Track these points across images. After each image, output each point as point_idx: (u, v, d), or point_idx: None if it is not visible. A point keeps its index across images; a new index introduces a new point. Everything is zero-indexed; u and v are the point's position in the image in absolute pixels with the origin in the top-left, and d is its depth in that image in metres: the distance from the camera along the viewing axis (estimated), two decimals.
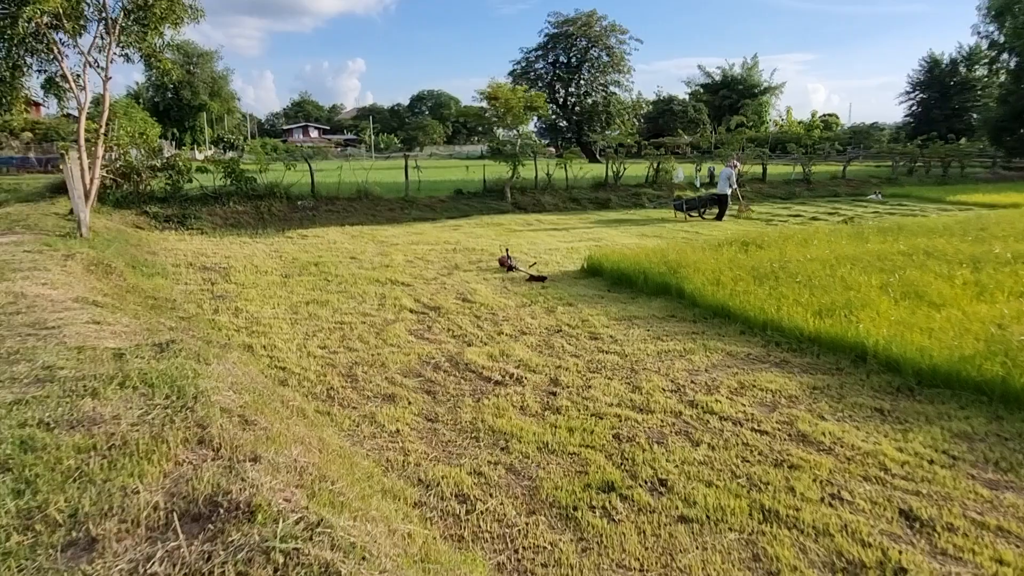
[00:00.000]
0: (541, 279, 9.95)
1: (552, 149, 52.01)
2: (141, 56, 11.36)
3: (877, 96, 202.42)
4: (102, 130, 11.15)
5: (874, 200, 22.51)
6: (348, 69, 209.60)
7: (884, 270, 8.67)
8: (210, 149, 51.07)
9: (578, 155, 22.13)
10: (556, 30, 62.10)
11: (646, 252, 10.36)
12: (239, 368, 4.53)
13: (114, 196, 16.17)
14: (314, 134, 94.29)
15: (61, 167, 10.65)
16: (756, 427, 4.80)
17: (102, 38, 10.75)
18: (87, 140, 11.38)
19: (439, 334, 7.25)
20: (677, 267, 9.02)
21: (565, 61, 62.93)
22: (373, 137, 78.31)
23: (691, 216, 18.27)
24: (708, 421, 4.91)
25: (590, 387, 5.63)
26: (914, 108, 64.51)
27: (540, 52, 63.82)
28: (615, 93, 63.42)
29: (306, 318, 7.86)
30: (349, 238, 14.68)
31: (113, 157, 16.22)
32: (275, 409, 3.84)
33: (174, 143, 56.99)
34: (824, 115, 78.05)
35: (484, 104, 22.24)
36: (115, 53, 11.06)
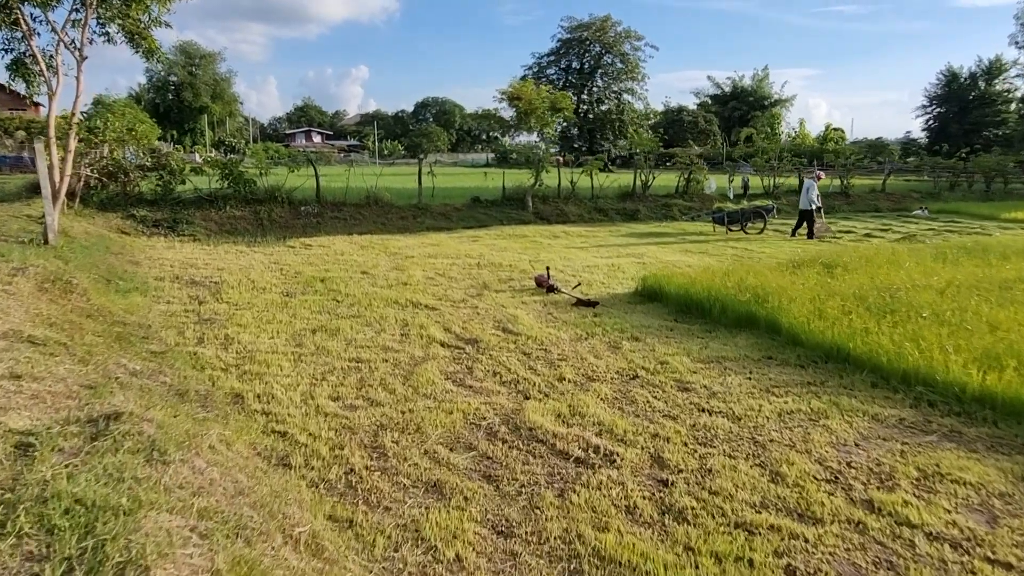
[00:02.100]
0: (591, 304, 8.37)
1: (560, 158, 50.57)
2: (124, 34, 9.82)
3: (879, 112, 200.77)
4: (74, 119, 9.57)
5: (921, 216, 20.95)
6: (351, 76, 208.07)
7: (1019, 302, 7.10)
8: (210, 152, 49.53)
9: (600, 164, 20.54)
10: (570, 35, 60.58)
11: (715, 274, 8.78)
12: (217, 466, 2.93)
13: (99, 197, 14.64)
14: (317, 139, 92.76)
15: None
16: (991, 555, 3.21)
17: (77, 11, 9.21)
18: (59, 133, 9.81)
19: (484, 379, 5.66)
20: (764, 295, 7.43)
21: (578, 67, 61.38)
22: (377, 143, 76.73)
23: (732, 230, 16.70)
24: (913, 542, 3.31)
25: (711, 471, 4.04)
26: (931, 122, 63.15)
27: (553, 57, 62.33)
28: (629, 101, 61.89)
29: (313, 353, 6.27)
30: (358, 249, 13.11)
31: (103, 154, 14.69)
32: (272, 556, 2.23)
33: (173, 145, 55.54)
34: (823, 131, 76.83)
35: (502, 106, 20.70)
36: (93, 31, 9.52)
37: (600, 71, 60.85)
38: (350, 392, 5.27)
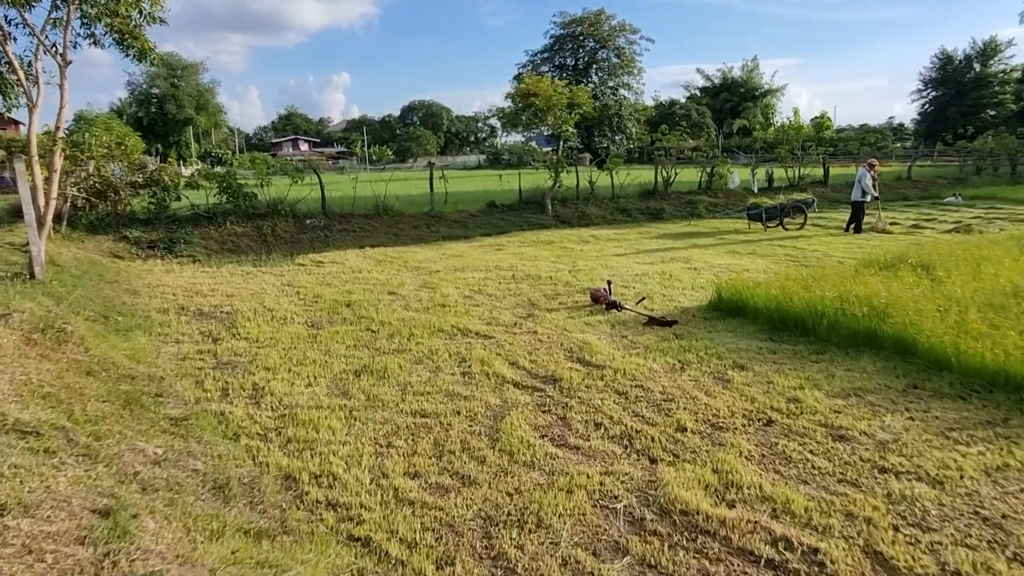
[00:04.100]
0: (668, 323, 7.27)
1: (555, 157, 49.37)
2: (113, 35, 8.60)
3: (861, 98, 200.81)
4: (59, 134, 8.35)
5: (955, 203, 20.02)
6: (333, 83, 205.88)
7: None
8: (197, 164, 48.07)
9: (620, 161, 19.45)
10: (563, 31, 59.33)
11: (804, 283, 7.69)
12: None
13: (87, 218, 13.39)
14: (304, 147, 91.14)
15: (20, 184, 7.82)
16: None
17: (58, 8, 8.00)
18: (43, 150, 8.60)
19: (588, 436, 4.55)
20: (881, 307, 6.36)
21: (572, 63, 60.13)
22: (366, 149, 75.26)
23: (769, 227, 15.66)
24: None
25: None
26: (927, 107, 62.53)
27: (547, 55, 61.08)
28: (626, 97, 60.69)
29: (364, 406, 5.14)
30: (375, 264, 11.96)
31: (89, 172, 13.44)
32: None
33: (159, 159, 53.94)
34: (814, 118, 76.35)
35: (511, 103, 19.56)
36: (76, 32, 8.31)
37: (595, 66, 59.68)
38: (429, 464, 4.15)
